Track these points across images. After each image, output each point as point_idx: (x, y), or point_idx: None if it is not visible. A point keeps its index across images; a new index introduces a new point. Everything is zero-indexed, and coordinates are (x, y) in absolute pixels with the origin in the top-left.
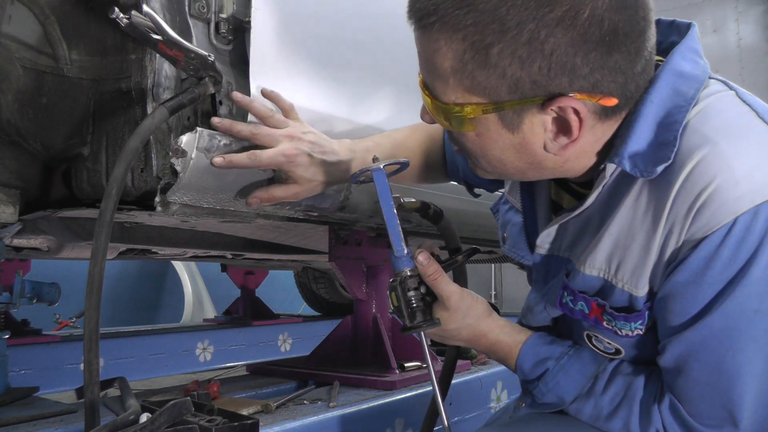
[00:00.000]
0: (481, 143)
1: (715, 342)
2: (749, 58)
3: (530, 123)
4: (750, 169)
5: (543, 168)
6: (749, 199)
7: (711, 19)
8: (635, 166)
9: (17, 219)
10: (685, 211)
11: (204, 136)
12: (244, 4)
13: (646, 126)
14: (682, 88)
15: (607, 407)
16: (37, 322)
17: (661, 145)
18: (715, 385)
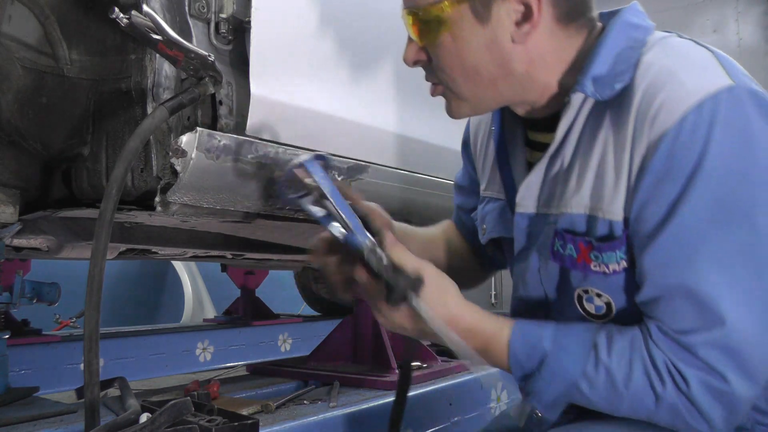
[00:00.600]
0: (457, 49)
1: (684, 241)
2: (749, 58)
3: (497, 12)
4: (696, 77)
5: (512, 73)
6: (695, 96)
7: (711, 19)
8: (596, 91)
9: (17, 219)
10: (643, 125)
11: (204, 136)
12: (244, 4)
13: (603, 58)
14: (634, 33)
15: (621, 369)
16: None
17: (619, 71)
18: (687, 287)
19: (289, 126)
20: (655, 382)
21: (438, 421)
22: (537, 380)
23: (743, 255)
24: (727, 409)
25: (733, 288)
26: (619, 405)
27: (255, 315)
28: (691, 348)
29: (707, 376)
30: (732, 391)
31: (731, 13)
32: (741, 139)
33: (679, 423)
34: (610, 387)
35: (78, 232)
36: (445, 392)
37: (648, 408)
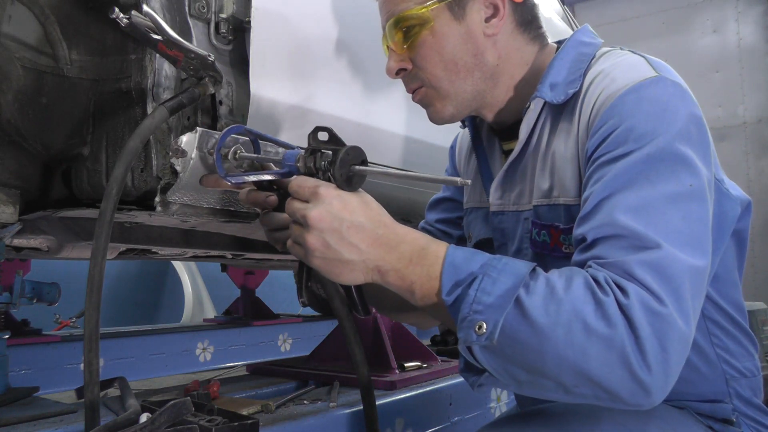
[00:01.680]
0: (436, 44)
1: (621, 187)
2: (749, 58)
3: (470, 10)
4: (627, 73)
5: (486, 64)
6: (625, 86)
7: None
8: (552, 96)
9: (17, 219)
10: (588, 117)
11: (204, 136)
12: (244, 4)
13: (557, 69)
14: (584, 49)
15: (561, 280)
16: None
17: (571, 79)
18: (624, 224)
19: (289, 126)
20: (596, 290)
21: (438, 421)
22: (479, 282)
23: (671, 202)
24: (660, 338)
25: (667, 227)
26: (556, 316)
27: (255, 315)
28: (629, 268)
29: (646, 294)
30: (667, 315)
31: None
32: (660, 110)
33: (614, 354)
34: (548, 293)
35: (78, 232)
36: (445, 392)
37: (586, 321)
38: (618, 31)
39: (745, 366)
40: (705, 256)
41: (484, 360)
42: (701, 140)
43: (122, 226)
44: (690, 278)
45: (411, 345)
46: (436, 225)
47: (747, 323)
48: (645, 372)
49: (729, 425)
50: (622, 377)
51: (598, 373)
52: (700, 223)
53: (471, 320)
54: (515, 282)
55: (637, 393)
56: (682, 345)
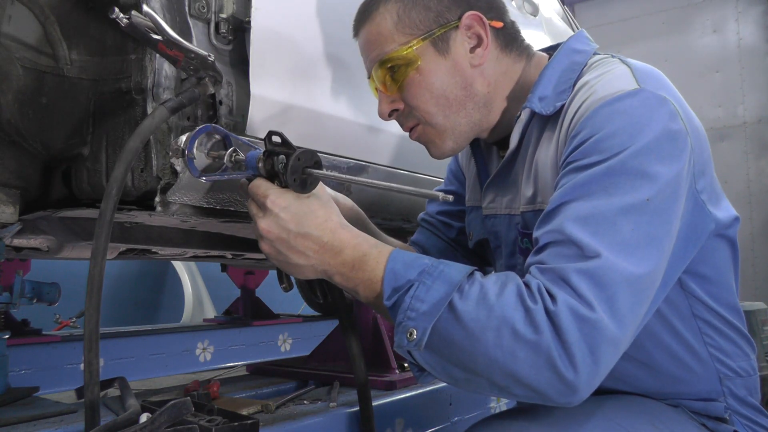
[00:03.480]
0: (424, 81)
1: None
2: (749, 58)
3: (454, 43)
4: (608, 86)
5: (476, 94)
6: (603, 98)
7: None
8: (541, 107)
9: (17, 219)
10: (568, 128)
11: (204, 136)
12: (244, 4)
13: (548, 81)
14: (576, 58)
15: (495, 286)
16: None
17: (560, 91)
18: (572, 233)
19: (289, 126)
20: (526, 298)
21: (438, 421)
22: (414, 289)
23: (623, 213)
24: (588, 342)
25: (613, 237)
26: (486, 321)
27: (255, 315)
28: (565, 275)
29: (575, 301)
30: (596, 320)
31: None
32: (631, 123)
33: (541, 358)
34: (481, 299)
35: (78, 232)
36: (445, 392)
37: (514, 328)
38: (618, 31)
39: (740, 365)
40: (648, 265)
41: (421, 359)
42: (673, 155)
43: (122, 226)
44: (627, 285)
45: None
46: (437, 216)
47: (744, 324)
48: (571, 373)
49: (722, 423)
50: (549, 379)
51: (526, 374)
52: (650, 234)
53: (404, 326)
54: (447, 290)
55: (564, 392)
56: (613, 347)
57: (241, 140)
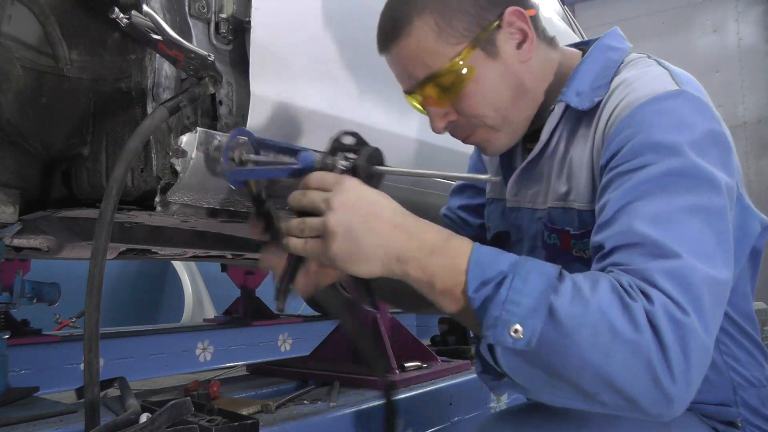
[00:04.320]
0: (481, 89)
1: (640, 197)
2: (749, 58)
3: (501, 43)
4: (648, 85)
5: (527, 90)
6: (644, 97)
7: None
8: (578, 102)
9: (17, 219)
10: (606, 125)
11: (204, 136)
12: (244, 4)
13: (585, 76)
14: (612, 55)
15: (587, 283)
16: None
17: (597, 87)
18: (644, 233)
19: (289, 126)
20: (623, 294)
21: (438, 421)
22: (510, 281)
23: (690, 213)
24: (684, 348)
25: (687, 238)
26: (582, 318)
27: (255, 315)
28: (649, 276)
29: (669, 302)
30: (690, 324)
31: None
32: (678, 123)
33: (639, 360)
34: (575, 294)
35: (78, 232)
36: (445, 392)
37: (612, 324)
38: None
39: (754, 375)
40: (726, 269)
41: (505, 362)
42: (721, 156)
43: (122, 226)
44: (709, 289)
45: (411, 345)
46: (458, 212)
47: (758, 334)
48: (669, 381)
49: (733, 428)
50: (645, 385)
51: (621, 378)
52: (720, 235)
53: (505, 321)
54: (545, 284)
55: (659, 402)
56: (704, 355)
57: (278, 143)
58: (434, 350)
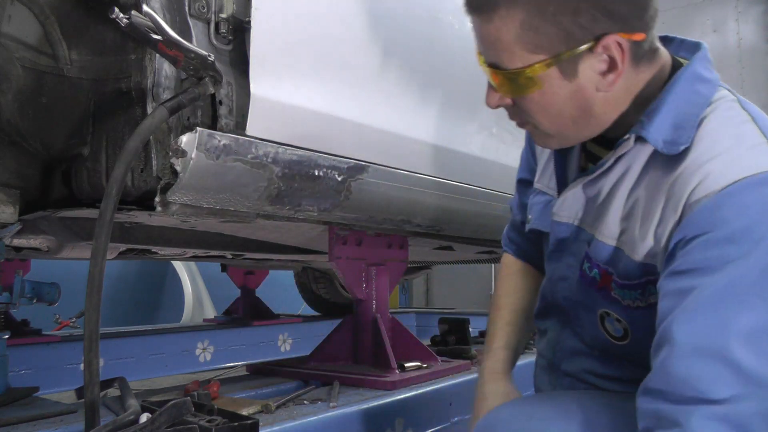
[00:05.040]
0: (544, 101)
1: (721, 304)
2: (749, 58)
3: (584, 68)
4: (743, 156)
5: (591, 115)
6: (739, 173)
7: (711, 19)
8: (657, 142)
9: (17, 219)
10: (684, 188)
11: (204, 136)
12: (244, 4)
13: (668, 112)
14: (700, 88)
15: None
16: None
17: (680, 128)
18: (725, 350)
19: (289, 126)
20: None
21: (438, 421)
22: None
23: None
24: None
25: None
26: None
27: (255, 315)
28: (744, 422)
29: None
30: None
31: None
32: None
33: None
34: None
35: (78, 232)
36: (445, 392)
37: None
38: None
39: None
40: None
41: None
42: None
43: (122, 226)
44: None
45: (411, 345)
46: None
47: None
48: None
49: None
50: None
51: None
52: None
53: None
54: None
55: None
56: None
57: None
58: (434, 350)
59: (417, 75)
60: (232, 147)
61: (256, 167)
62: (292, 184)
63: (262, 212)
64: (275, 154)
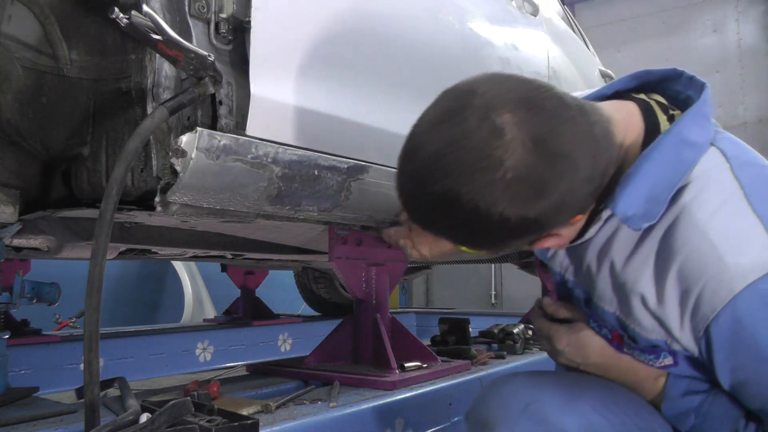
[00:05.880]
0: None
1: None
2: (749, 58)
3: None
4: (736, 255)
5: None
6: (741, 280)
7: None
8: (627, 217)
9: (17, 219)
10: (682, 297)
11: (204, 136)
12: (244, 4)
13: (643, 182)
14: (684, 154)
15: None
16: (37, 322)
17: (653, 201)
18: None
19: (289, 126)
20: None
21: (438, 421)
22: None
23: None
24: None
25: None
26: None
27: (255, 315)
28: None
29: None
30: None
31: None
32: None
33: None
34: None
35: (78, 232)
36: (445, 392)
37: None
38: (618, 31)
39: None
40: None
41: None
42: None
43: (122, 226)
44: None
45: (411, 345)
46: None
47: None
48: None
49: None
50: None
51: None
52: None
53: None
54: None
55: None
56: None
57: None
58: (434, 350)
59: (417, 75)
60: (232, 147)
61: (256, 167)
62: (292, 184)
63: (262, 212)
64: (275, 154)
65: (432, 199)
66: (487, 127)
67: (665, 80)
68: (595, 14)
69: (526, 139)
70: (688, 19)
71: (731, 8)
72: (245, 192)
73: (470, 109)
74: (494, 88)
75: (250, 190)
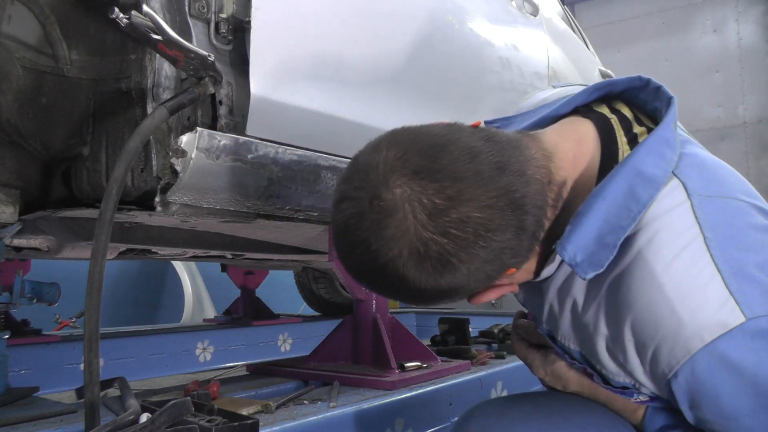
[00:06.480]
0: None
1: None
2: (749, 58)
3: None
4: (693, 311)
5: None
6: (698, 339)
7: (711, 19)
8: (575, 263)
9: (17, 219)
10: (638, 349)
11: (204, 136)
12: (244, 4)
13: (593, 223)
14: (638, 190)
15: None
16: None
17: (602, 246)
18: None
19: (289, 126)
20: None
21: (438, 421)
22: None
23: None
24: None
25: None
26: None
27: (255, 315)
28: None
29: None
30: None
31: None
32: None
33: None
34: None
35: (78, 232)
36: (445, 392)
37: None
38: (618, 31)
39: None
40: None
41: None
42: None
43: (122, 226)
44: None
45: (411, 345)
46: None
47: None
48: None
49: None
50: None
51: None
52: None
53: None
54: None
55: None
56: None
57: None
58: (434, 350)
59: (418, 75)
60: (232, 147)
61: (256, 167)
62: (292, 184)
63: (262, 212)
64: (275, 154)
65: (358, 269)
66: (376, 206)
67: (631, 89)
68: (595, 14)
69: (420, 213)
70: (688, 19)
71: (731, 8)
72: (245, 192)
73: (364, 189)
74: (390, 158)
75: (250, 190)
